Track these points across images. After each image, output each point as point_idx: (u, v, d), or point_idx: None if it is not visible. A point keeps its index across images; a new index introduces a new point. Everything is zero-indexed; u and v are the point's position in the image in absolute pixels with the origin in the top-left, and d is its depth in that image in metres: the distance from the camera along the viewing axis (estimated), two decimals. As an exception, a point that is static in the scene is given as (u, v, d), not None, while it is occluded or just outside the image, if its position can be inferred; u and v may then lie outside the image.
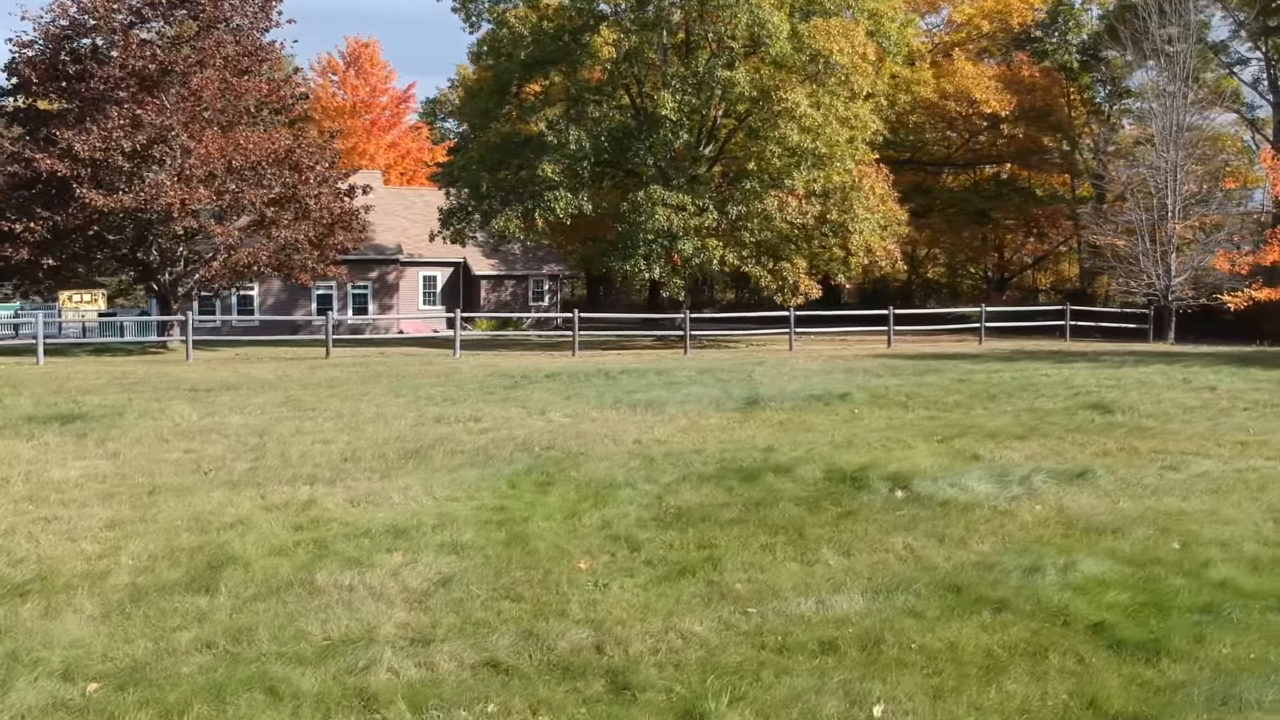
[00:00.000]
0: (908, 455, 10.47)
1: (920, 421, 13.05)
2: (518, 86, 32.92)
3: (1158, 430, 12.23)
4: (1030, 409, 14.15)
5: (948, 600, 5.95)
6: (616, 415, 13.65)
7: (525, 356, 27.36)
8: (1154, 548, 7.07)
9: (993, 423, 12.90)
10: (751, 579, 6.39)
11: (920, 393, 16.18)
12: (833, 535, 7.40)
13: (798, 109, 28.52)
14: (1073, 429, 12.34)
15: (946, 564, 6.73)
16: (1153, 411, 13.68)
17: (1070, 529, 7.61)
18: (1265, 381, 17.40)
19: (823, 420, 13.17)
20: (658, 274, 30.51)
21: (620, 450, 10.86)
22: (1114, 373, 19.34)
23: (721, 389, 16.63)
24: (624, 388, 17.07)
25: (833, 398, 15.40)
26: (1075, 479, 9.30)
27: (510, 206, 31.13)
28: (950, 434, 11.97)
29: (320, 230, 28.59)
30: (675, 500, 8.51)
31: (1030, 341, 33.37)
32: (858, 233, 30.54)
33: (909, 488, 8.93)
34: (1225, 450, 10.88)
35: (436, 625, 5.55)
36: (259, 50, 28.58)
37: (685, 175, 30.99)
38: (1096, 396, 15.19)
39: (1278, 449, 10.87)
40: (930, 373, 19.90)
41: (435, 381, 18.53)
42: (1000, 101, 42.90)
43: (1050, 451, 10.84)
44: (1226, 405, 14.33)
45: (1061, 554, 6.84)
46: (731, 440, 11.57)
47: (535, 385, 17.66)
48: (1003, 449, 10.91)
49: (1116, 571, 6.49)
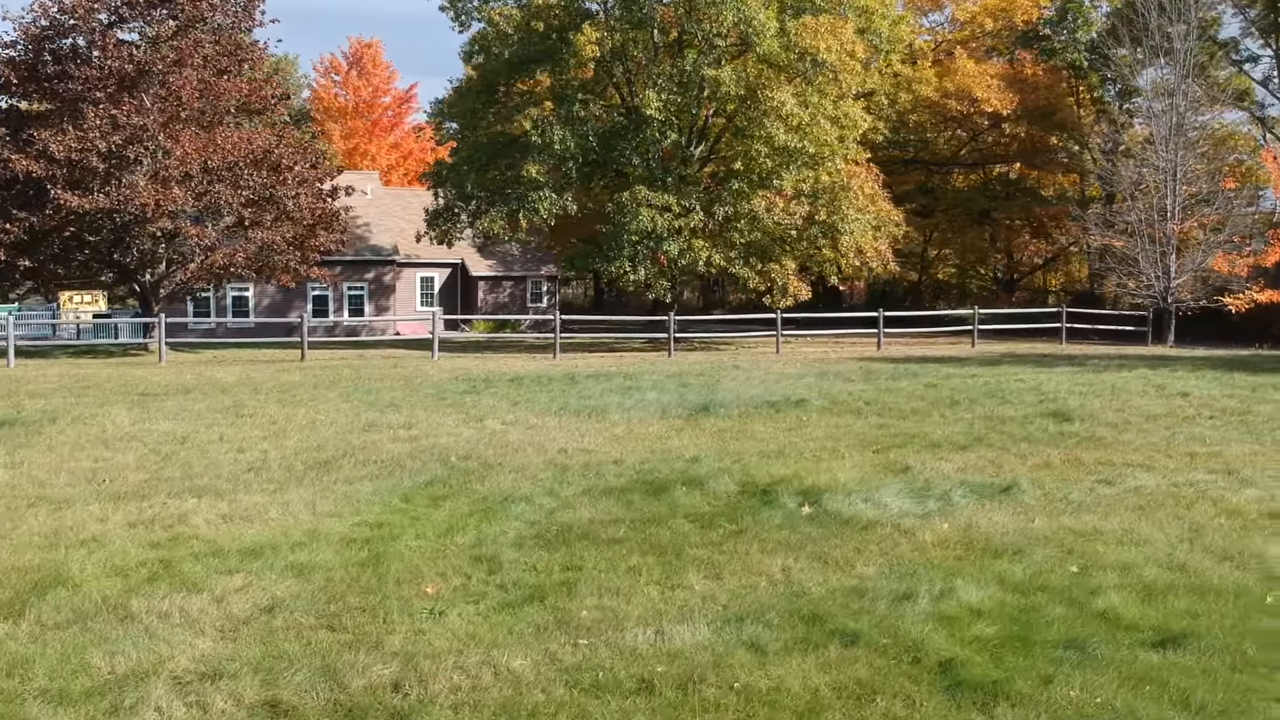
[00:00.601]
0: (834, 467, 10.04)
1: (867, 430, 12.60)
2: (505, 86, 32.55)
3: (1111, 440, 11.76)
4: (988, 416, 13.68)
5: (799, 631, 5.53)
6: (556, 422, 13.26)
7: (506, 359, 27.02)
8: (1049, 572, 6.62)
9: (941, 431, 12.45)
10: (602, 606, 5.98)
11: (882, 399, 15.74)
12: (711, 557, 6.98)
13: (784, 108, 28.01)
14: (1022, 438, 11.87)
15: (819, 589, 6.30)
16: (1113, 420, 13.20)
17: (969, 550, 7.17)
18: (1243, 388, 16.87)
19: (766, 428, 12.73)
20: (643, 275, 30.06)
21: (539, 460, 10.47)
22: (1092, 378, 18.83)
23: (679, 395, 16.22)
24: (581, 393, 16.68)
25: (789, 404, 14.98)
26: (1000, 494, 8.87)
27: (495, 207, 30.76)
28: (892, 443, 11.53)
29: (301, 231, 28.28)
30: (567, 516, 8.12)
31: (1025, 344, 32.79)
32: (848, 233, 30.00)
33: (819, 503, 8.51)
34: (1171, 462, 10.41)
35: (236, 658, 5.17)
36: (239, 50, 28.30)
37: (673, 175, 30.54)
38: (1061, 404, 14.72)
39: (1226, 461, 10.38)
40: (905, 377, 19.44)
41: (394, 386, 18.18)
42: (1001, 100, 42.22)
43: (988, 463, 10.38)
44: (1193, 413, 13.83)
45: (945, 579, 6.41)
46: (661, 450, 11.16)
47: (493, 390, 17.30)
48: (938, 460, 10.46)
49: (996, 600, 6.06)
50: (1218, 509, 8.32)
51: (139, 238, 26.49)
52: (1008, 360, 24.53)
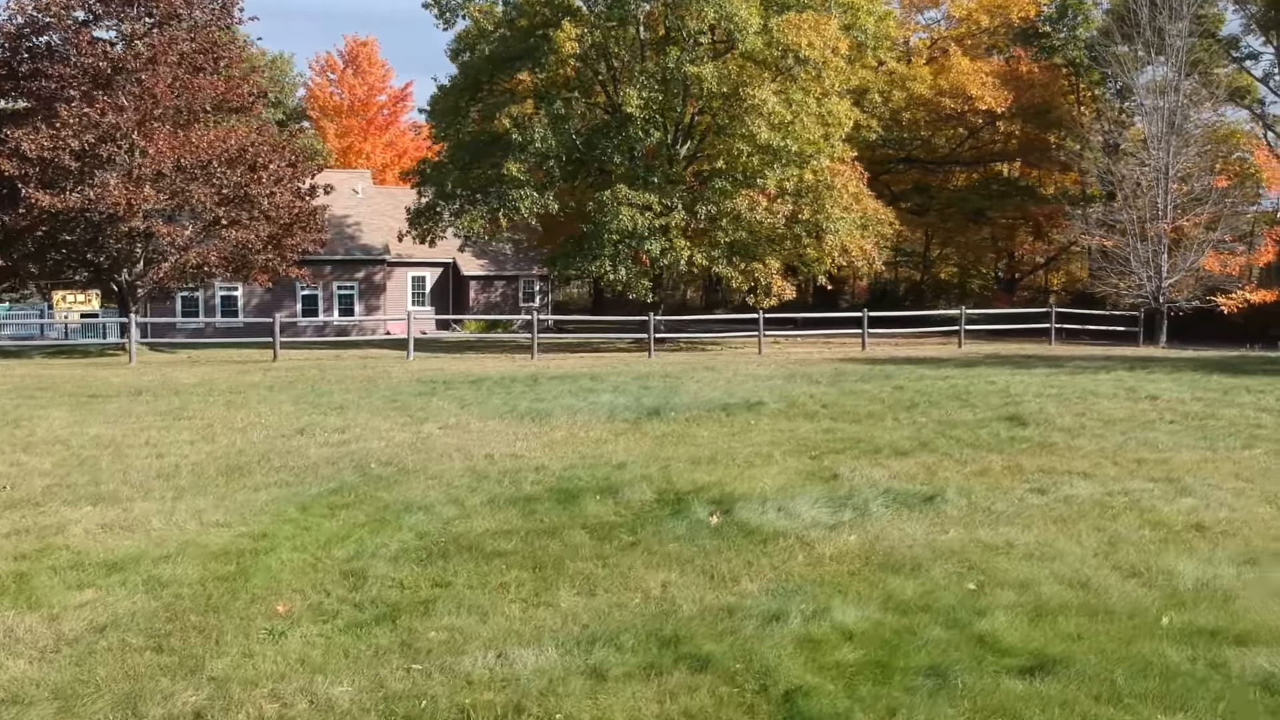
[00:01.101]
0: (762, 474, 9.72)
1: (813, 435, 12.26)
2: (488, 84, 32.25)
3: (1061, 446, 11.40)
4: (943, 420, 13.33)
5: (650, 655, 5.21)
6: (497, 426, 12.95)
7: (482, 360, 26.74)
8: (941, 590, 6.29)
9: (889, 436, 12.11)
10: (454, 626, 5.66)
11: (842, 402, 15.40)
12: (593, 571, 6.67)
13: (765, 105, 27.64)
14: (970, 444, 11.53)
15: (691, 607, 5.98)
16: (1070, 425, 12.84)
17: (866, 565, 6.84)
18: (1215, 391, 16.47)
19: (709, 433, 12.41)
20: (623, 275, 29.73)
21: (460, 467, 10.17)
22: (1065, 380, 18.43)
23: (636, 397, 15.91)
24: (538, 395, 16.38)
25: (743, 407, 14.66)
26: (923, 503, 8.54)
27: (476, 206, 30.47)
28: (832, 449, 11.21)
29: (277, 230, 28.01)
30: (462, 527, 7.81)
31: (1014, 345, 32.38)
32: (832, 233, 29.63)
33: (731, 512, 8.19)
34: (1115, 470, 10.06)
35: (42, 683, 4.87)
36: (215, 47, 28.04)
37: (657, 174, 30.21)
38: (1022, 407, 14.35)
39: (1171, 469, 10.02)
40: (876, 379, 19.08)
41: (352, 388, 17.90)
42: (996, 98, 41.79)
43: (923, 470, 10.04)
44: (1155, 418, 13.45)
45: (827, 597, 6.08)
46: (592, 455, 10.84)
47: (451, 392, 17.00)
48: (873, 467, 10.13)
49: (873, 621, 5.72)
50: (1144, 520, 7.98)
51: (111, 237, 26.26)
52: (988, 362, 24.14)
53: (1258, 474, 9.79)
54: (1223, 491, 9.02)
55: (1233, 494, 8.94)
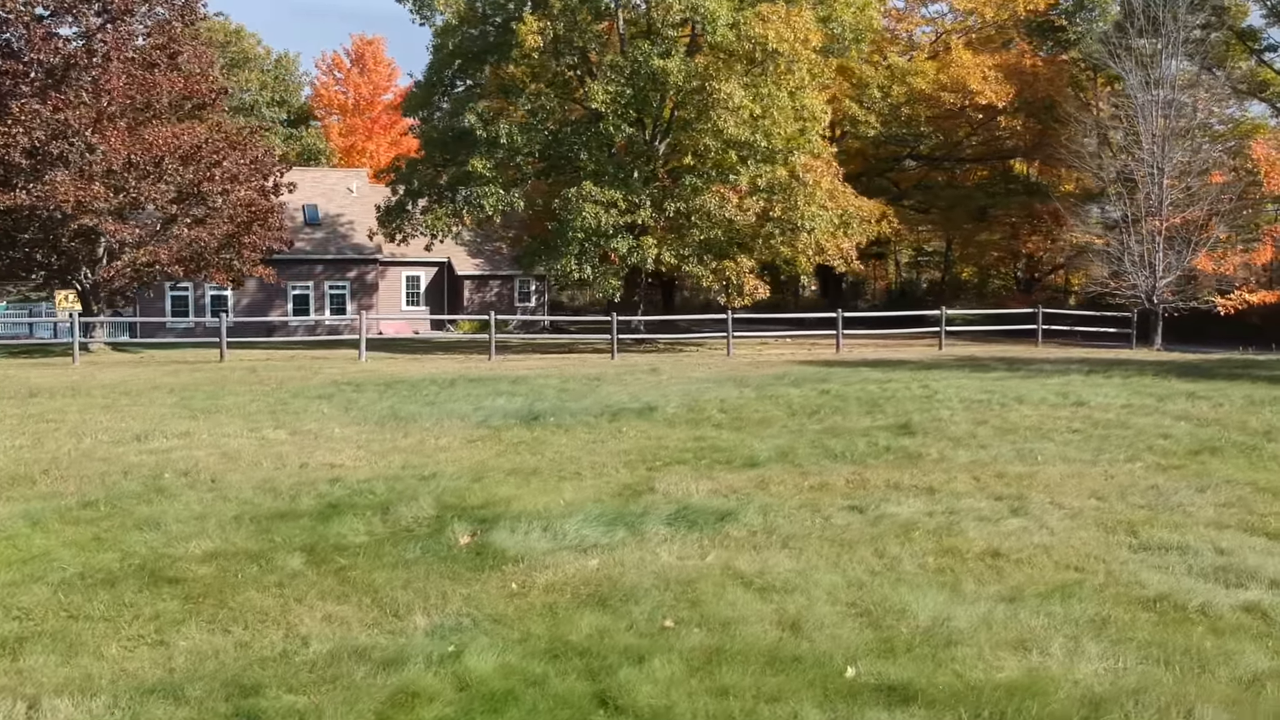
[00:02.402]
0: (570, 488, 9.00)
1: (678, 443, 11.51)
2: (459, 79, 31.64)
3: (931, 458, 10.57)
4: (829, 428, 12.51)
5: (207, 709, 4.49)
6: (352, 433, 12.30)
7: (436, 361, 26.18)
8: (626, 629, 5.54)
9: (758, 445, 11.31)
10: (28, 667, 4.98)
11: (748, 406, 14.62)
12: (259, 603, 5.96)
13: (731, 100, 26.79)
14: (835, 455, 10.73)
15: (322, 647, 5.25)
16: (960, 434, 11.96)
17: (574, 596, 6.10)
18: (1152, 397, 15.49)
19: (566, 442, 11.67)
20: (589, 273, 29.01)
21: (257, 478, 9.51)
22: (1007, 384, 17.49)
23: (527, 402, 15.20)
24: (433, 399, 15.73)
25: (634, 412, 13.93)
26: (714, 523, 7.78)
27: (443, 204, 29.87)
28: (678, 460, 10.45)
29: (234, 229, 27.57)
30: (178, 549, 7.13)
31: (997, 347, 31.30)
32: (807, 230, 28.70)
33: (491, 533, 7.48)
34: (967, 485, 9.23)
35: None
36: (171, 44, 27.63)
37: (627, 171, 29.45)
38: (928, 414, 13.49)
39: (1028, 485, 9.20)
40: (811, 382, 18.24)
41: (259, 390, 17.33)
42: (997, 92, 40.60)
43: (754, 484, 9.26)
44: (1061, 426, 12.54)
45: (485, 636, 5.34)
46: (414, 465, 10.15)
47: (349, 396, 16.39)
48: (701, 481, 9.37)
49: (506, 669, 4.97)
50: (937, 546, 7.15)
51: (64, 236, 25.96)
52: (951, 365, 23.17)
53: (1117, 491, 8.91)
54: (1061, 512, 8.17)
55: (1070, 515, 8.08)
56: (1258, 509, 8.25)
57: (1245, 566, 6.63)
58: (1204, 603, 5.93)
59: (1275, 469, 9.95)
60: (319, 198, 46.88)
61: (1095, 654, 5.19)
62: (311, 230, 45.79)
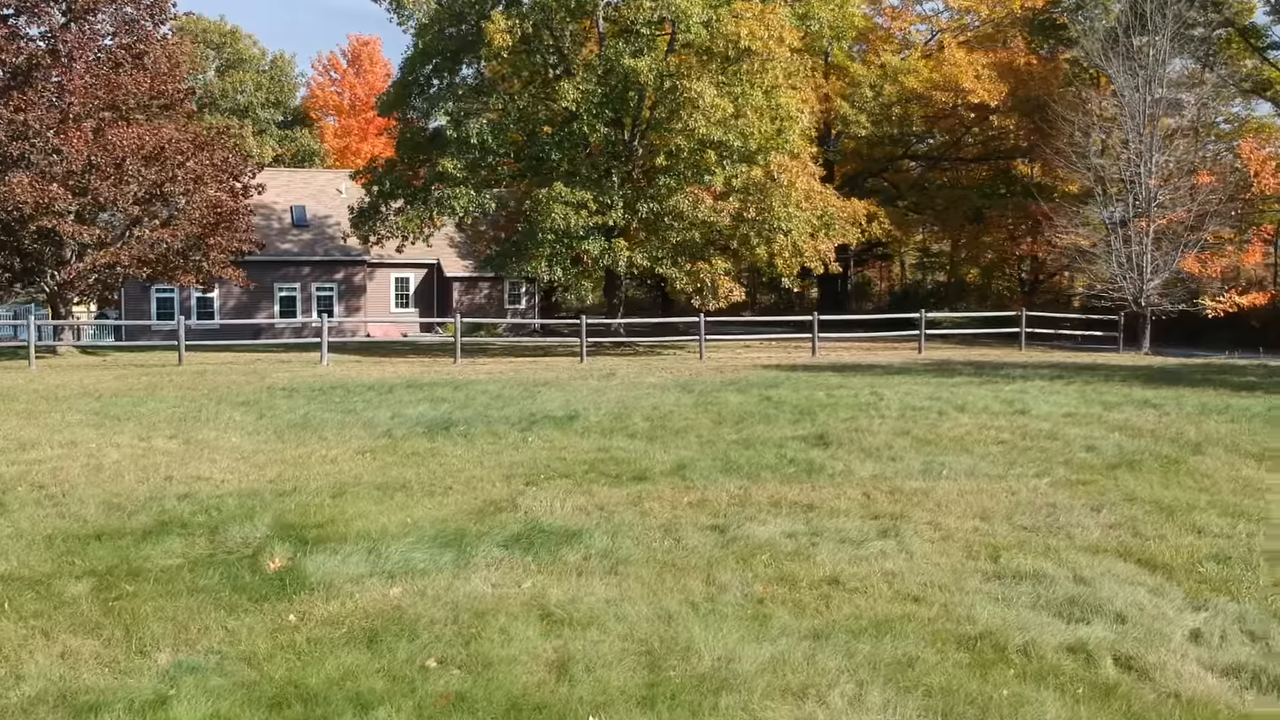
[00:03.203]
0: (420, 506, 8.57)
1: (580, 455, 11.03)
2: (433, 78, 31.20)
3: (835, 472, 10.08)
4: (742, 439, 12.00)
5: None
6: (246, 443, 11.86)
7: (394, 365, 25.72)
8: (369, 674, 5.05)
9: (661, 457, 10.86)
10: None
11: (677, 415, 14.14)
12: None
13: (702, 99, 26.26)
14: (733, 468, 10.25)
15: (7, 694, 4.80)
16: (876, 445, 11.46)
17: (346, 629, 5.63)
18: (1099, 405, 14.95)
19: (465, 452, 11.21)
20: (559, 275, 28.54)
21: (108, 492, 9.08)
22: (950, 393, 16.92)
23: (451, 409, 14.76)
24: (352, 406, 15.28)
25: (551, 422, 13.46)
26: (557, 544, 7.36)
27: (414, 205, 29.48)
28: (564, 473, 9.99)
29: (200, 230, 27.21)
30: (-32, 570, 6.70)
31: (978, 351, 30.65)
32: (783, 232, 28.14)
33: (307, 556, 7.05)
34: (854, 503, 8.77)
35: None
36: (138, 43, 27.29)
37: (602, 171, 28.95)
38: (850, 425, 12.94)
39: (915, 503, 8.70)
40: (755, 388, 17.76)
41: (190, 395, 16.93)
42: (990, 91, 39.88)
43: (627, 501, 8.80)
44: (988, 438, 12.03)
45: (193, 681, 4.87)
46: (282, 479, 9.71)
47: (273, 402, 15.97)
48: (576, 496, 8.94)
49: (213, 712, 4.50)
50: (777, 572, 6.67)
51: (24, 237, 25.67)
52: (920, 370, 22.57)
53: (1006, 511, 8.39)
54: (933, 534, 7.67)
55: (941, 538, 7.58)
56: (1145, 530, 7.72)
57: (1097, 598, 6.12)
58: (1029, 641, 5.43)
59: (1188, 485, 9.40)
60: (308, 199, 46.62)
61: (877, 704, 4.69)
62: (299, 231, 45.52)
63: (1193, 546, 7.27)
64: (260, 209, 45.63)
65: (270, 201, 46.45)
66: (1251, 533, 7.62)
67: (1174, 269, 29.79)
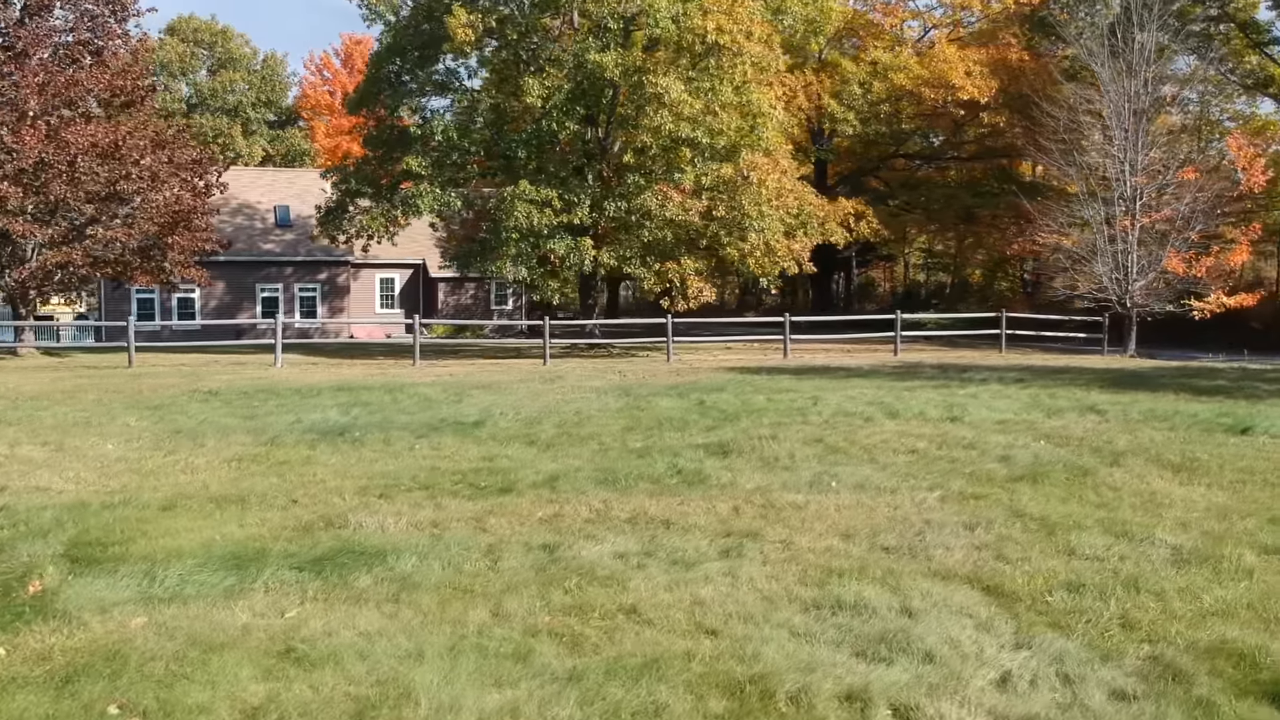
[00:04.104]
0: (240, 521, 7.99)
1: (449, 465, 10.45)
2: (404, 75, 30.60)
3: (718, 483, 9.47)
4: (647, 448, 11.42)
5: None
6: (117, 450, 11.31)
7: (352, 366, 25.21)
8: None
9: (543, 467, 10.23)
10: None
11: (591, 421, 13.54)
12: None
13: (667, 94, 25.61)
14: (611, 480, 9.65)
15: None
16: (778, 455, 10.84)
17: (49, 670, 5.02)
18: (1043, 412, 14.23)
19: (340, 461, 10.65)
20: (524, 275, 27.93)
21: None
22: (912, 395, 16.32)
23: (361, 414, 14.18)
24: (258, 411, 14.73)
25: (452, 428, 12.89)
26: (356, 567, 6.75)
27: (378, 203, 28.93)
28: (425, 485, 9.43)
29: (157, 229, 26.70)
30: None
31: (955, 353, 29.90)
32: (755, 230, 27.45)
33: (73, 581, 6.46)
34: (716, 519, 8.18)
35: None
36: (96, 39, 26.80)
37: (571, 169, 28.34)
38: (760, 433, 12.27)
39: (782, 521, 8.06)
40: (697, 392, 17.11)
41: (101, 402, 16.40)
42: (980, 88, 39.09)
43: (471, 517, 8.21)
44: (901, 445, 11.38)
45: None
46: (122, 490, 9.16)
47: (188, 405, 15.45)
48: (420, 511, 8.37)
49: None
50: (573, 600, 6.06)
51: (-25, 238, 25.29)
52: (884, 373, 21.86)
53: (874, 530, 7.76)
54: (779, 555, 7.06)
55: (786, 560, 6.96)
56: (1010, 553, 7.05)
57: (912, 635, 5.46)
58: (804, 687, 4.78)
59: (1088, 499, 8.73)
60: (292, 198, 46.23)
61: (585, 765, 4.05)
62: (283, 231, 45.15)
63: (1052, 572, 6.60)
64: (244, 209, 45.40)
65: (255, 201, 46.15)
66: (1125, 555, 6.95)
67: (1159, 269, 28.95)
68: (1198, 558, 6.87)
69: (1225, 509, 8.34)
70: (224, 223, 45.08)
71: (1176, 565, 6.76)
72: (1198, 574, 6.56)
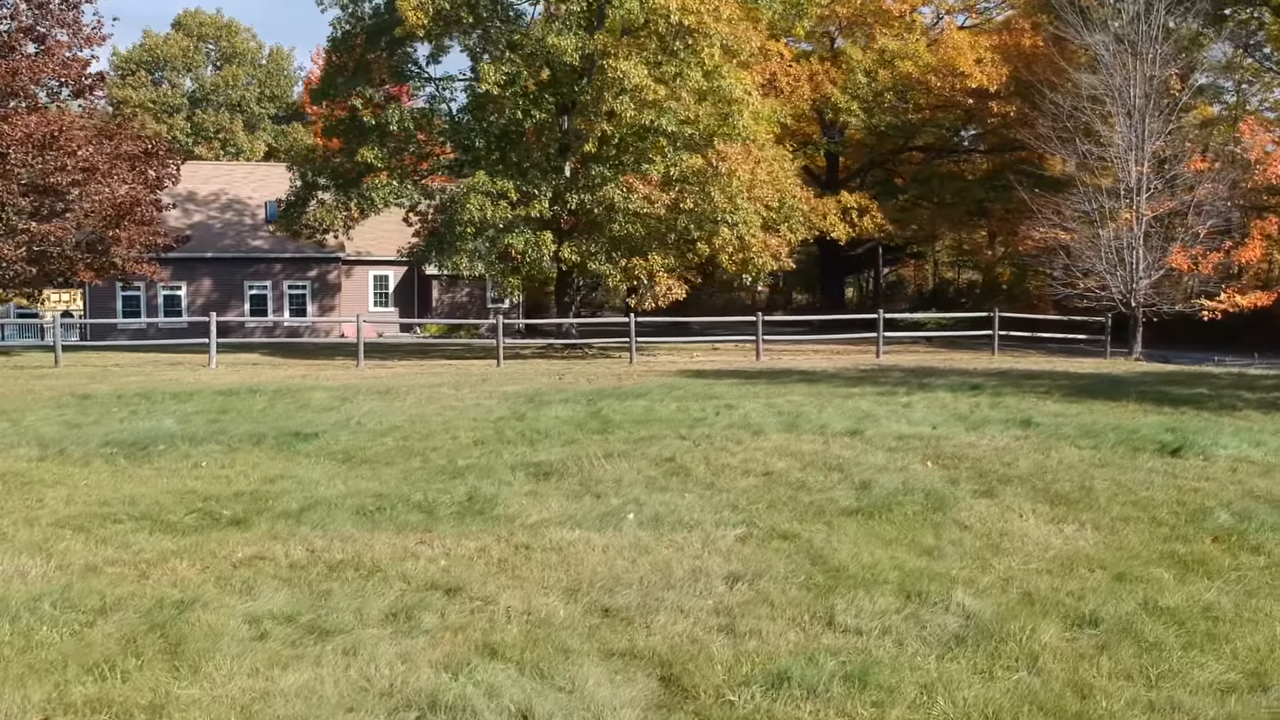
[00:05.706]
0: None
1: (233, 485, 9.11)
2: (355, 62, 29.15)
3: (493, 515, 8.04)
4: (467, 468, 9.96)
5: None
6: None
7: (289, 368, 24.01)
8: None
9: (319, 493, 8.84)
10: None
11: (440, 434, 12.15)
12: None
13: (627, 79, 24.09)
14: (366, 513, 8.20)
15: None
16: (600, 478, 9.45)
17: None
18: (977, 426, 12.51)
19: (93, 480, 9.33)
20: (480, 270, 26.54)
21: None
22: (841, 404, 14.71)
23: (186, 426, 12.87)
24: (100, 418, 13.48)
25: (282, 440, 11.47)
26: None
27: (334, 196, 27.70)
28: (152, 515, 8.00)
29: (99, 223, 25.63)
30: None
31: (941, 355, 28.08)
32: (728, 225, 25.84)
33: None
34: (432, 567, 6.66)
35: None
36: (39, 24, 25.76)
37: (534, 160, 26.91)
38: (630, 447, 10.78)
39: (512, 568, 6.55)
40: (605, 399, 15.63)
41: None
42: (989, 75, 37.08)
43: (147, 564, 6.76)
44: (760, 469, 9.80)
45: None
46: None
47: (11, 415, 14.22)
48: (97, 551, 6.89)
49: None
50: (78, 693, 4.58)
51: (-91, 233, 24.38)
52: (848, 377, 20.22)
53: (614, 583, 6.25)
54: (461, 615, 5.58)
55: (440, 630, 5.45)
56: (746, 623, 5.51)
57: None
58: None
59: (918, 543, 7.15)
60: (284, 193, 45.22)
61: None
62: (273, 228, 44.15)
63: (772, 653, 5.05)
64: (234, 205, 44.55)
65: (245, 197, 45.29)
66: (891, 629, 5.38)
67: (1165, 265, 26.91)
68: (983, 634, 5.28)
69: (1075, 558, 6.72)
70: (213, 219, 44.36)
71: (949, 645, 5.18)
72: (967, 660, 4.98)
